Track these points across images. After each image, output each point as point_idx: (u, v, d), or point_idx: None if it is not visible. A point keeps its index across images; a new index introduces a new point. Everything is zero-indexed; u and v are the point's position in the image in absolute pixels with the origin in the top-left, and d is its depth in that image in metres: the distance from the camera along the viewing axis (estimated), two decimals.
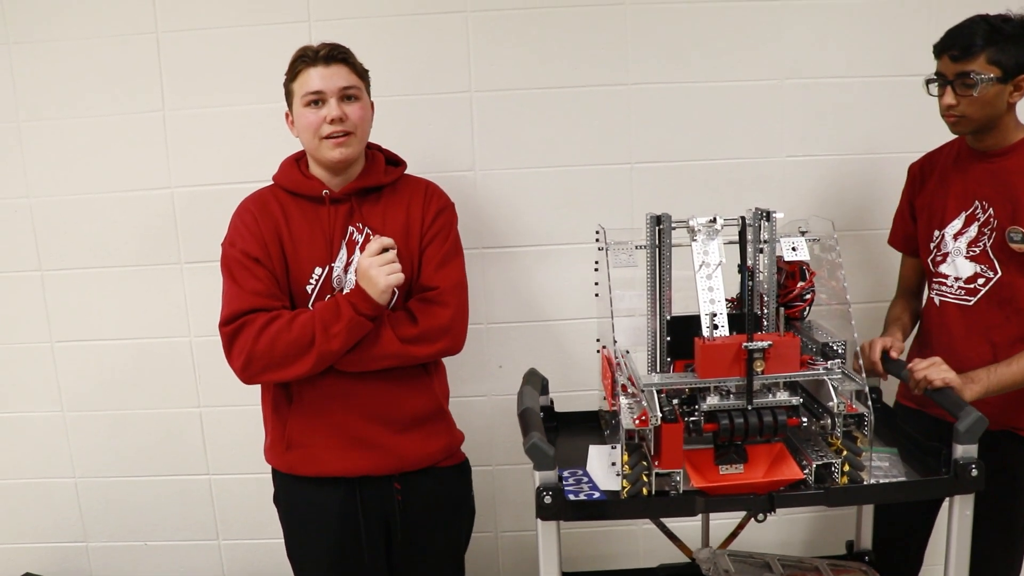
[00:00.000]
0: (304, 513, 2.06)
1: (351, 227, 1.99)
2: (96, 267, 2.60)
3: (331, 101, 1.93)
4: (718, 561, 2.00)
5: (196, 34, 2.46)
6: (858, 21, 2.49)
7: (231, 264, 1.97)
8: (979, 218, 2.06)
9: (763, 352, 1.60)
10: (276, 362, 1.89)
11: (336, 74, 1.94)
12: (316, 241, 1.98)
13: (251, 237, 1.96)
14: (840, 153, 2.56)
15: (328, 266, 1.97)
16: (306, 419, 2.00)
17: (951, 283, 2.12)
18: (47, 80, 2.50)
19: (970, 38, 1.94)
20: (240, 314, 1.91)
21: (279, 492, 2.13)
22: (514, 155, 2.54)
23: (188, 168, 2.54)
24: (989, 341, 2.06)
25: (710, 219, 1.75)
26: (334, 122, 1.92)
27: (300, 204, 2.00)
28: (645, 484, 1.61)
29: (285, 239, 1.97)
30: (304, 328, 1.88)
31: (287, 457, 2.03)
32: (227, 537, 2.77)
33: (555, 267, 2.59)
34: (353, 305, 1.87)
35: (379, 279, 1.86)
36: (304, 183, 2.00)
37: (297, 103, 1.96)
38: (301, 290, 1.97)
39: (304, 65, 1.94)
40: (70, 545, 2.78)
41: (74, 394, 2.68)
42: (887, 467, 1.78)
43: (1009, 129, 2.03)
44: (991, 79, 1.93)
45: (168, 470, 2.72)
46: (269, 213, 1.99)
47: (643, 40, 2.49)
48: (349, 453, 1.99)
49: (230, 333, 1.91)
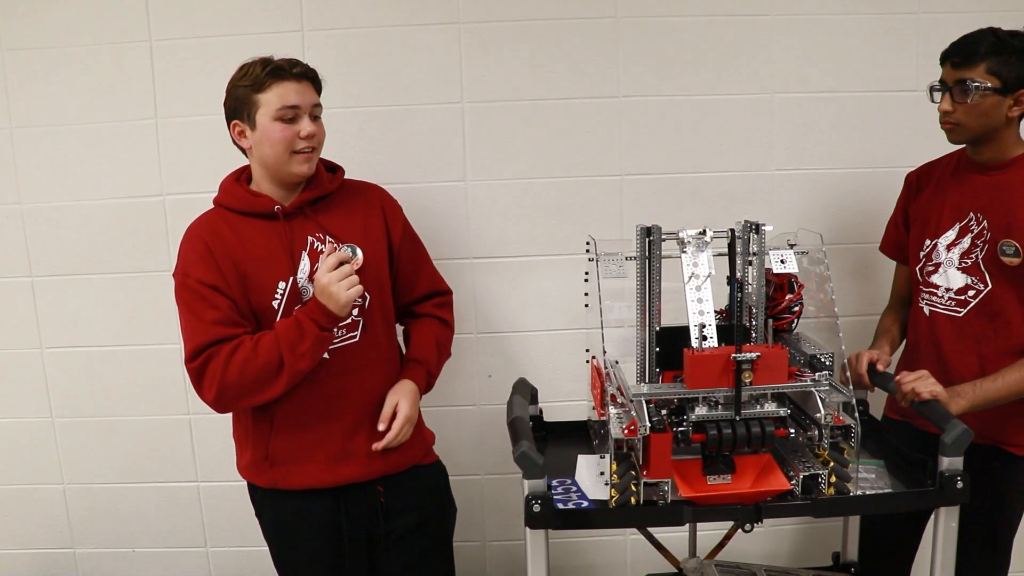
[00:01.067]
0: (290, 525, 2.05)
1: (310, 237, 1.98)
2: (86, 274, 2.59)
3: (305, 117, 1.93)
4: (705, 571, 2.01)
5: (189, 43, 2.47)
6: (847, 37, 2.52)
7: (187, 296, 1.92)
8: (973, 230, 2.07)
9: (751, 363, 1.62)
10: (248, 389, 1.88)
11: (308, 91, 1.95)
12: (275, 257, 1.95)
13: (203, 265, 1.91)
14: (829, 167, 2.58)
15: (291, 278, 1.95)
16: (290, 437, 1.99)
17: (942, 294, 2.13)
18: (40, 87, 2.50)
19: (974, 47, 1.95)
20: (204, 347, 1.87)
21: (261, 507, 2.11)
22: (505, 166, 2.55)
23: (179, 176, 2.54)
24: (977, 353, 2.07)
25: (700, 231, 1.77)
26: (307, 138, 1.93)
27: (251, 223, 1.96)
28: (633, 493, 1.62)
29: (241, 260, 1.93)
30: (270, 352, 1.86)
31: (271, 474, 2.02)
32: (215, 544, 2.76)
33: (545, 277, 2.60)
34: (315, 322, 1.86)
35: (339, 295, 1.85)
36: (254, 201, 1.97)
37: (264, 116, 1.91)
38: (267, 306, 1.94)
39: (277, 78, 1.90)
40: (58, 551, 2.77)
41: (63, 400, 2.68)
42: (874, 479, 1.80)
43: (1009, 144, 2.03)
44: (988, 88, 1.94)
45: (156, 477, 2.71)
46: (221, 237, 1.94)
47: (634, 53, 2.51)
48: (335, 465, 2.00)
49: (197, 368, 1.88)
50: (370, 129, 2.48)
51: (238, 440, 2.10)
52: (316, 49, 2.46)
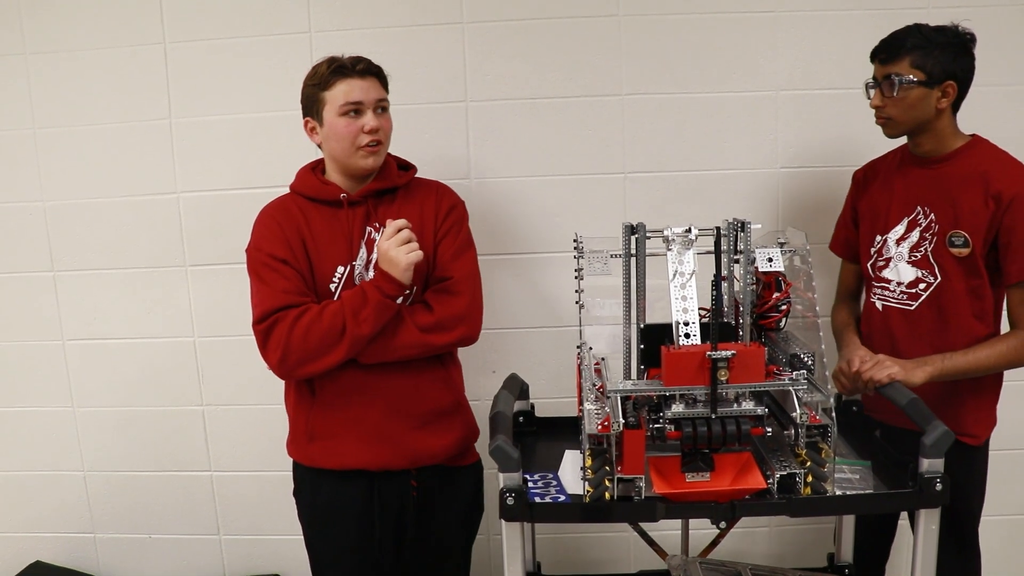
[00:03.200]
0: (325, 506, 2.12)
1: (369, 227, 2.06)
2: (106, 269, 2.69)
3: (368, 112, 2.01)
4: (689, 568, 2.01)
5: (201, 44, 2.54)
6: (852, 33, 2.49)
7: (258, 267, 2.03)
8: (921, 223, 2.10)
9: (727, 361, 1.61)
10: (311, 353, 1.95)
11: (372, 87, 2.02)
12: (337, 241, 2.05)
13: (275, 240, 2.03)
14: (834, 164, 2.55)
15: (350, 264, 2.04)
16: (328, 412, 2.06)
17: (894, 288, 2.15)
18: (61, 89, 2.60)
19: (899, 43, 2.03)
20: (272, 311, 1.97)
21: (300, 486, 2.18)
22: (509, 164, 2.58)
23: (193, 174, 2.62)
24: (931, 345, 2.09)
25: (685, 229, 1.77)
26: (371, 132, 2.00)
27: (319, 208, 2.07)
28: (607, 489, 1.63)
29: (308, 241, 2.04)
30: (334, 317, 1.94)
31: (309, 450, 2.09)
32: (228, 532, 2.84)
33: (548, 274, 2.62)
34: (378, 288, 1.94)
35: (399, 258, 1.92)
36: (323, 189, 2.08)
37: (330, 112, 2.00)
38: (325, 289, 2.04)
39: (341, 76, 1.99)
40: (79, 536, 2.87)
41: (84, 391, 2.77)
42: (857, 479, 1.79)
43: (947, 136, 2.08)
44: (913, 81, 2.00)
45: (172, 466, 2.80)
46: (291, 217, 2.06)
47: (637, 51, 2.52)
48: (369, 447, 2.05)
49: (264, 330, 1.97)
50: None
51: (288, 416, 2.18)
52: (323, 50, 2.47)
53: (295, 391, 2.10)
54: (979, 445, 2.11)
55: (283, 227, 2.04)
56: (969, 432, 2.08)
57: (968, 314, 2.06)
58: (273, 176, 2.55)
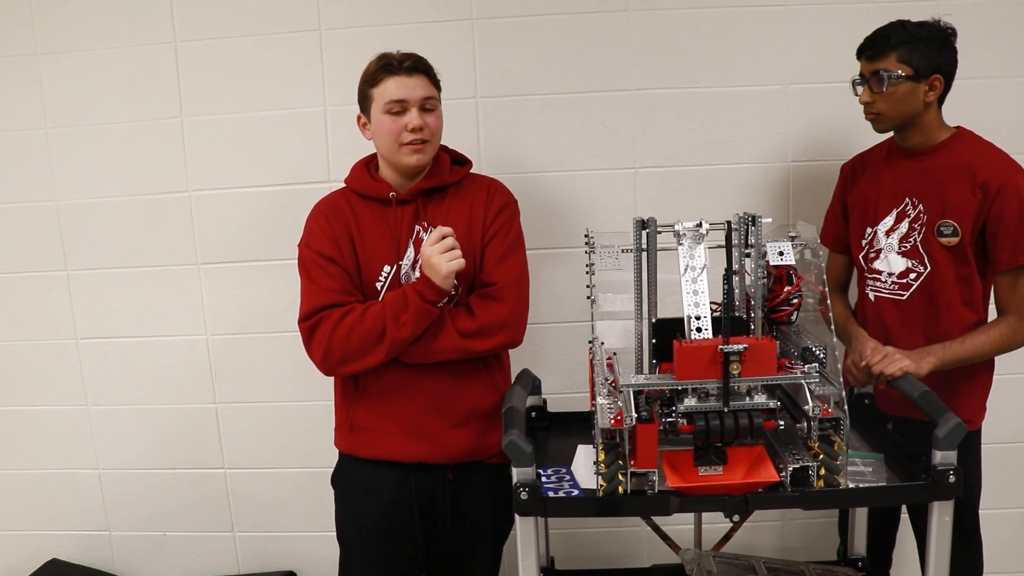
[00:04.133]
0: (360, 493, 2.15)
1: (417, 226, 2.07)
2: (118, 268, 2.71)
3: (412, 110, 2.01)
4: (702, 562, 2.02)
5: (212, 43, 2.56)
6: (862, 27, 2.45)
7: (307, 264, 2.06)
8: (910, 214, 2.14)
9: (739, 355, 1.62)
10: (352, 353, 1.99)
11: (418, 84, 2.02)
12: (384, 241, 2.06)
13: (324, 237, 2.06)
14: (845, 158, 2.53)
15: (396, 264, 2.06)
16: (369, 405, 2.09)
17: (885, 279, 2.19)
18: (72, 88, 2.61)
19: (884, 39, 2.07)
20: (317, 310, 2.01)
21: (339, 472, 2.21)
22: (519, 160, 2.58)
23: (205, 172, 2.63)
24: (923, 334, 2.13)
25: (696, 223, 1.77)
26: (414, 130, 2.00)
27: (369, 206, 2.09)
28: (621, 483, 1.64)
29: (356, 239, 2.06)
30: (375, 319, 1.97)
31: (349, 439, 2.13)
32: (241, 529, 2.85)
33: (560, 270, 2.62)
34: (419, 293, 1.96)
35: (441, 265, 1.93)
36: (372, 186, 2.09)
37: (376, 109, 2.02)
38: (371, 287, 2.06)
39: (387, 73, 2.00)
40: (94, 533, 2.89)
41: (98, 389, 2.79)
42: (870, 472, 1.79)
43: (933, 128, 2.12)
44: (901, 76, 2.04)
45: (186, 464, 2.81)
46: (340, 215, 2.08)
47: (646, 46, 2.52)
48: (405, 440, 2.08)
49: (309, 328, 2.01)
50: None
51: (335, 408, 2.20)
52: (333, 48, 2.52)
53: (341, 385, 2.15)
54: (973, 431, 2.12)
55: (332, 224, 2.07)
56: (964, 417, 2.04)
57: (958, 302, 2.11)
58: (285, 174, 2.58)
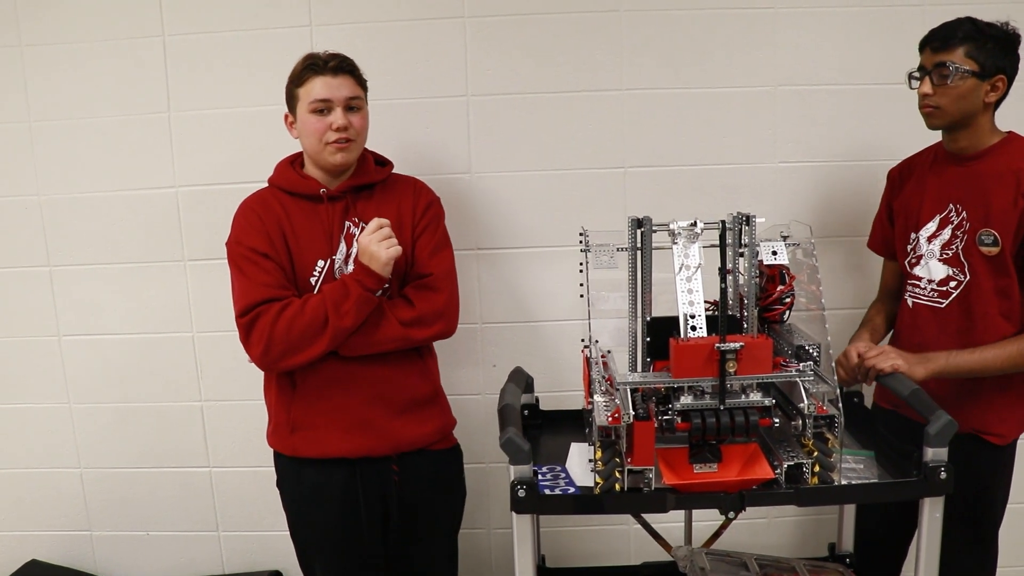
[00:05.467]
0: (308, 494, 2.15)
1: (348, 222, 2.10)
2: (102, 263, 2.67)
3: (337, 110, 2.04)
4: (695, 559, 2.03)
5: (201, 37, 2.53)
6: (852, 29, 2.51)
7: (239, 260, 2.06)
8: (953, 221, 2.09)
9: (735, 353, 1.63)
10: (294, 345, 1.99)
11: (343, 84, 2.05)
12: (317, 236, 2.08)
13: (256, 234, 2.06)
14: (834, 159, 2.58)
15: (330, 259, 2.08)
16: (309, 403, 2.09)
17: (924, 285, 2.15)
18: (57, 81, 2.57)
19: (952, 32, 2.00)
20: (254, 305, 2.01)
21: (283, 475, 2.21)
22: (509, 158, 2.58)
23: (192, 168, 2.60)
24: (959, 344, 2.08)
25: (691, 223, 1.78)
26: (339, 130, 2.03)
27: (299, 203, 2.10)
28: (618, 480, 1.65)
29: (288, 235, 2.07)
30: (316, 309, 1.98)
31: (291, 440, 2.12)
32: (227, 529, 2.83)
33: (549, 269, 2.63)
34: (359, 282, 1.98)
35: (380, 253, 1.97)
36: (302, 183, 2.11)
37: (302, 108, 2.05)
38: (305, 282, 2.07)
39: (312, 73, 2.04)
40: (75, 534, 2.85)
41: (80, 387, 2.75)
42: (862, 469, 1.80)
43: (984, 131, 2.06)
44: (967, 71, 1.98)
45: (170, 462, 2.78)
46: (271, 211, 2.09)
47: (637, 46, 2.52)
48: (350, 435, 2.08)
49: (247, 323, 2.01)
50: (376, 122, 2.50)
51: (268, 408, 2.21)
52: (324, 44, 2.46)
53: (276, 384, 2.13)
54: (1004, 445, 2.11)
55: (264, 221, 2.07)
56: (994, 431, 2.08)
57: (996, 313, 2.05)
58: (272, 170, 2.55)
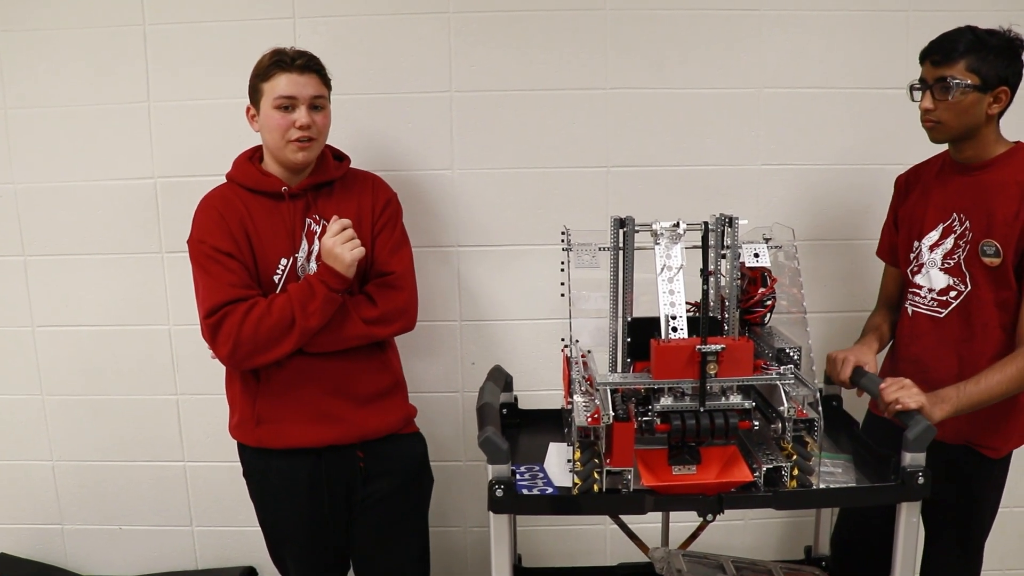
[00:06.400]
0: (275, 484, 2.16)
1: (308, 219, 2.10)
2: (79, 254, 2.63)
3: (301, 108, 2.03)
4: (672, 560, 2.03)
5: (182, 27, 2.50)
6: (836, 34, 2.52)
7: (202, 259, 2.05)
8: (956, 231, 2.07)
9: (716, 355, 1.62)
10: (261, 345, 1.99)
11: (308, 83, 2.04)
12: (279, 234, 2.08)
13: (219, 232, 2.05)
14: (815, 163, 2.58)
15: (292, 256, 2.08)
16: (275, 397, 2.10)
17: (924, 294, 2.13)
18: (35, 68, 2.53)
19: (953, 44, 1.96)
20: (220, 305, 2.00)
21: (249, 467, 2.21)
22: (492, 155, 2.57)
23: (171, 159, 2.57)
24: (957, 354, 2.07)
25: (673, 223, 1.77)
26: (302, 128, 2.02)
27: (260, 200, 2.09)
28: (596, 481, 1.64)
29: (251, 233, 2.06)
30: (283, 310, 1.99)
31: (257, 432, 2.13)
32: (200, 523, 2.80)
33: (529, 267, 2.62)
34: (324, 283, 1.99)
35: (344, 255, 1.99)
36: (263, 180, 2.10)
37: (266, 103, 2.04)
38: (268, 280, 2.07)
39: (279, 69, 2.03)
40: (46, 527, 2.82)
41: (54, 378, 2.72)
42: (839, 473, 1.81)
43: (989, 142, 2.03)
44: (968, 86, 1.94)
45: (144, 456, 2.75)
46: (233, 209, 2.08)
47: (622, 45, 2.52)
48: (315, 427, 2.10)
49: (213, 324, 2.00)
50: (359, 117, 2.50)
51: (230, 402, 2.21)
52: (307, 36, 2.48)
53: (240, 379, 2.13)
54: (998, 458, 2.10)
55: (226, 219, 2.06)
56: (988, 444, 2.08)
57: (995, 325, 2.02)
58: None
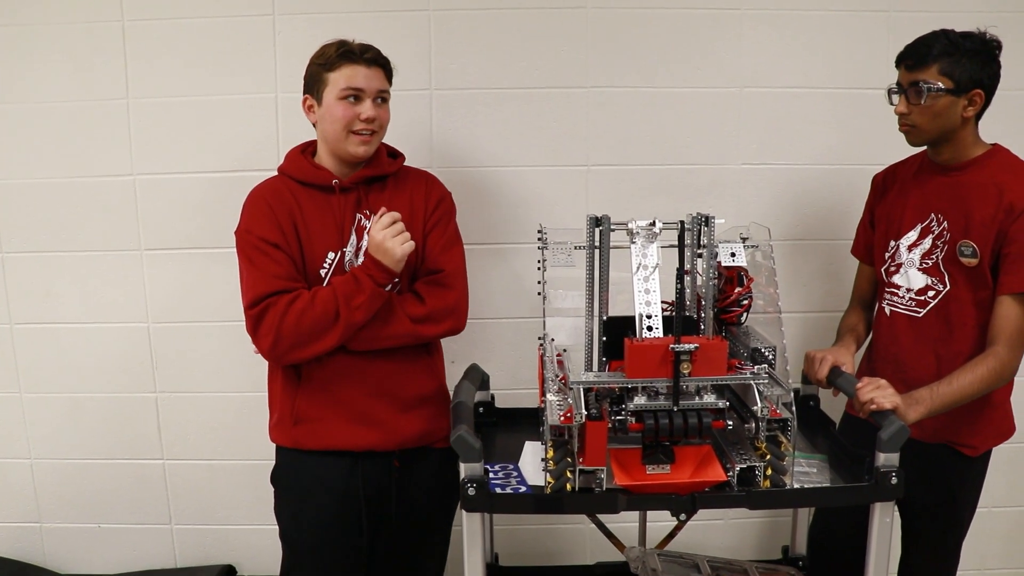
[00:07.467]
0: (306, 488, 2.10)
1: (359, 214, 2.06)
2: (57, 251, 2.62)
3: (367, 101, 2.01)
4: (647, 560, 2.03)
5: (161, 23, 2.48)
6: (818, 34, 2.52)
7: (249, 250, 2.01)
8: (934, 231, 2.07)
9: (690, 354, 1.62)
10: (304, 339, 1.96)
11: (376, 76, 2.03)
12: (328, 227, 2.04)
13: (267, 223, 2.02)
14: (796, 163, 2.58)
15: (340, 251, 2.04)
16: (314, 395, 2.06)
17: (903, 294, 2.13)
18: (11, 64, 2.52)
19: (926, 49, 1.97)
20: (264, 296, 1.96)
21: (281, 468, 2.16)
22: (472, 153, 2.56)
23: (150, 156, 2.56)
24: (935, 353, 2.08)
25: (649, 222, 1.77)
26: (368, 121, 2.00)
27: (310, 193, 2.06)
28: (569, 480, 1.63)
29: (299, 225, 2.03)
30: (327, 303, 1.94)
31: (294, 432, 2.08)
32: (180, 522, 2.79)
33: (509, 265, 2.62)
34: (371, 277, 1.95)
35: (395, 249, 1.94)
36: (314, 173, 2.07)
37: (331, 94, 2.00)
38: (315, 274, 2.03)
39: (348, 61, 2.00)
40: (24, 525, 2.80)
41: (32, 376, 2.70)
42: (814, 473, 1.81)
43: (967, 144, 2.04)
44: (941, 89, 1.95)
45: (123, 454, 2.74)
46: (283, 200, 2.04)
47: (603, 44, 2.52)
48: (353, 427, 2.05)
49: (256, 315, 1.96)
50: None
51: (270, 401, 2.16)
52: (286, 33, 2.47)
53: (282, 376, 2.09)
54: (975, 456, 2.10)
55: (275, 210, 2.03)
56: (966, 443, 2.09)
57: (973, 324, 2.03)
58: (233, 160, 2.53)
